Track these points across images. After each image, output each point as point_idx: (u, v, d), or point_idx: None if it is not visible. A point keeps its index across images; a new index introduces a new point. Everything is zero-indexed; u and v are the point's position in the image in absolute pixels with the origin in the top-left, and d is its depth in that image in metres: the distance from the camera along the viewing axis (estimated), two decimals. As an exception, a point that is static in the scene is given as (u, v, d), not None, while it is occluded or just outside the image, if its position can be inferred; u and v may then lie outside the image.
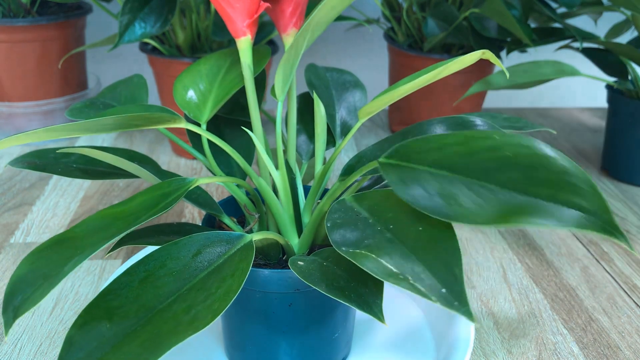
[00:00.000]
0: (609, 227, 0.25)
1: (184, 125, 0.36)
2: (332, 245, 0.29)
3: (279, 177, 0.38)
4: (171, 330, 0.25)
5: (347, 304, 0.28)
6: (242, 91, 0.43)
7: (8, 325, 0.27)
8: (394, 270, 0.26)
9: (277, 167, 0.38)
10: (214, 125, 0.44)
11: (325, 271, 0.31)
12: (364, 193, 0.32)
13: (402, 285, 0.25)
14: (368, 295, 0.29)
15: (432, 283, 0.25)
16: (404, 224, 0.28)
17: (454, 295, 0.24)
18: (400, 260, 0.26)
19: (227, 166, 0.43)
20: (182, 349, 0.43)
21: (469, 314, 0.24)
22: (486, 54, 0.33)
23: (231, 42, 0.75)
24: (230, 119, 0.45)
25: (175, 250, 0.30)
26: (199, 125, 0.41)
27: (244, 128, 0.38)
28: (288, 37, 0.38)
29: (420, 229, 0.27)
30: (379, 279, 0.26)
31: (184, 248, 0.30)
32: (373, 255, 0.27)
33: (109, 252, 0.38)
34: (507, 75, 0.37)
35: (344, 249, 0.27)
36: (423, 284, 0.25)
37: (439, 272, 0.25)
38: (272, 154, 0.41)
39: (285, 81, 0.36)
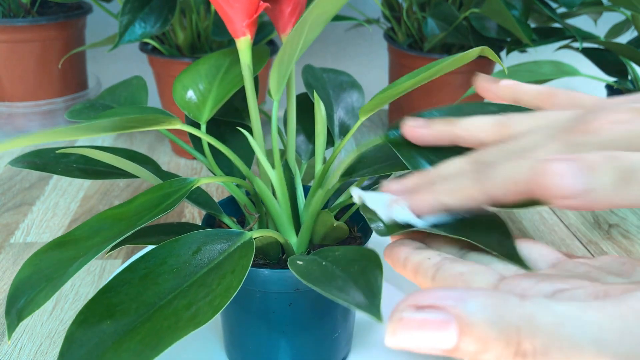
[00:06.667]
0: None
1: (179, 126, 0.36)
2: (330, 245, 0.29)
3: (276, 177, 0.38)
4: (172, 327, 0.25)
5: (345, 303, 0.28)
6: (236, 94, 0.43)
7: (11, 328, 0.27)
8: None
9: (273, 167, 0.38)
10: (214, 125, 0.44)
11: (324, 271, 0.31)
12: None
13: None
14: (366, 295, 0.29)
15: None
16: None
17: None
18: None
19: (227, 166, 0.43)
20: (182, 348, 0.43)
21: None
22: (485, 50, 0.33)
23: (231, 42, 0.75)
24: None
25: (175, 248, 0.30)
26: (198, 125, 0.41)
27: (242, 131, 0.38)
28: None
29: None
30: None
31: (184, 245, 0.30)
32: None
33: (109, 252, 0.38)
34: (507, 73, 0.37)
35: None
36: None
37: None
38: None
39: (281, 81, 0.36)
